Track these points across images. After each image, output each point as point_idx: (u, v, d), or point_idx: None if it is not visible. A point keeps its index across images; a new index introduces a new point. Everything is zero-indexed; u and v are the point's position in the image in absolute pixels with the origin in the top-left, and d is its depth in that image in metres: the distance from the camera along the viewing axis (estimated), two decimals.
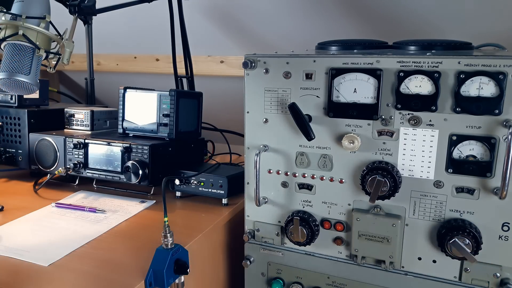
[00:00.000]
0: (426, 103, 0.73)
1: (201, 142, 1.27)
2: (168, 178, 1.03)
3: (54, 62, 1.09)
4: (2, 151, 1.27)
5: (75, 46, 1.11)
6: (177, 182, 1.06)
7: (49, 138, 1.18)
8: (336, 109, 0.80)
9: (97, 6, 1.26)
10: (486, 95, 0.70)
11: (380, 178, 0.75)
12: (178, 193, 1.09)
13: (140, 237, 0.88)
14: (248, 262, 0.93)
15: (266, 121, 0.87)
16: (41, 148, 1.19)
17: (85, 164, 1.14)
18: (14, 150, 1.25)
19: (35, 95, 1.30)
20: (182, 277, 0.77)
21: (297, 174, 0.86)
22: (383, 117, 0.77)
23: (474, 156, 0.72)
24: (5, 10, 1.00)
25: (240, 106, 0.90)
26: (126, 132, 1.19)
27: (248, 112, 0.88)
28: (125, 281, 0.72)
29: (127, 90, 1.19)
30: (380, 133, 0.78)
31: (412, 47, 0.84)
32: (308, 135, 0.80)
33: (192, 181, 1.05)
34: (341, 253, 0.86)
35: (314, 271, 0.89)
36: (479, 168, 0.72)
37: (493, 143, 0.71)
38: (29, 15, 0.99)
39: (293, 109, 0.80)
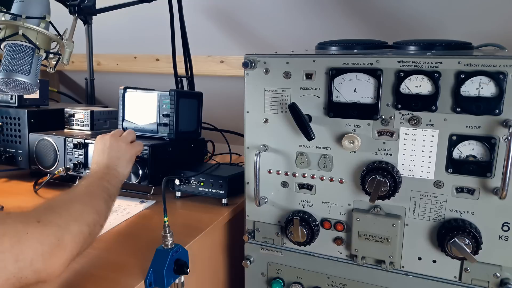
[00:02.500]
0: (426, 103, 0.73)
1: (201, 142, 1.27)
2: (168, 178, 1.03)
3: (54, 62, 1.09)
4: (2, 151, 1.27)
5: (75, 46, 1.11)
6: (177, 182, 1.06)
7: (49, 138, 1.18)
8: (336, 109, 0.80)
9: (97, 6, 1.26)
10: (486, 95, 0.70)
11: (380, 178, 0.75)
12: (178, 193, 1.09)
13: (140, 237, 0.88)
14: (248, 262, 0.93)
15: (266, 121, 0.87)
16: (41, 148, 1.19)
17: (85, 164, 1.14)
18: (14, 150, 1.25)
19: (35, 95, 1.30)
20: (182, 277, 0.77)
21: (297, 174, 0.86)
22: (383, 117, 0.77)
23: (474, 156, 0.72)
24: (5, 10, 1.00)
25: (240, 106, 0.90)
26: None
27: (248, 112, 0.88)
28: (125, 281, 0.72)
29: (127, 90, 1.19)
30: (380, 133, 0.78)
31: (412, 47, 0.84)
32: (308, 135, 0.80)
33: (192, 181, 1.05)
34: (341, 253, 0.86)
35: (314, 271, 0.89)
36: (479, 168, 0.72)
37: (493, 143, 0.71)
38: (29, 15, 0.99)
39: (293, 109, 0.80)
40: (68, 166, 1.15)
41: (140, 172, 1.05)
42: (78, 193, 0.77)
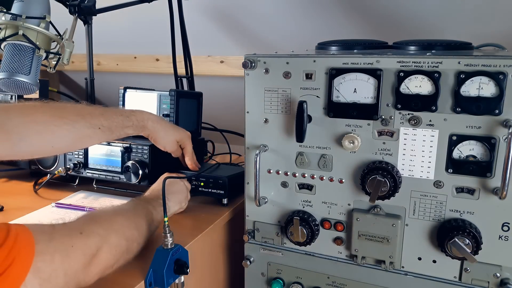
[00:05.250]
0: (426, 103, 0.73)
1: (201, 142, 1.27)
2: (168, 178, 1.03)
3: (54, 62, 1.09)
4: None
5: (75, 46, 1.10)
6: None
7: None
8: (336, 109, 0.80)
9: (97, 6, 1.26)
10: (486, 95, 0.70)
11: (380, 178, 0.75)
12: None
13: None
14: (248, 262, 0.93)
15: (266, 121, 0.87)
16: None
17: (85, 164, 1.14)
18: None
19: (35, 95, 1.30)
20: (182, 277, 0.77)
21: (297, 174, 0.86)
22: (383, 117, 0.77)
23: (474, 156, 0.72)
24: (5, 10, 1.00)
25: (240, 106, 0.90)
26: None
27: (248, 112, 0.88)
28: (125, 281, 0.72)
29: (127, 90, 1.19)
30: (380, 133, 0.78)
31: (412, 47, 0.84)
32: (300, 137, 0.80)
33: (192, 181, 1.05)
34: (341, 253, 0.86)
35: (314, 271, 0.89)
36: (479, 168, 0.72)
37: (493, 143, 0.71)
38: (29, 15, 0.99)
39: (300, 108, 0.79)
40: (68, 166, 1.15)
41: (140, 172, 1.05)
42: (122, 208, 0.78)
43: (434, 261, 0.79)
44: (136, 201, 0.84)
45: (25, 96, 1.27)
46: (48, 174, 1.20)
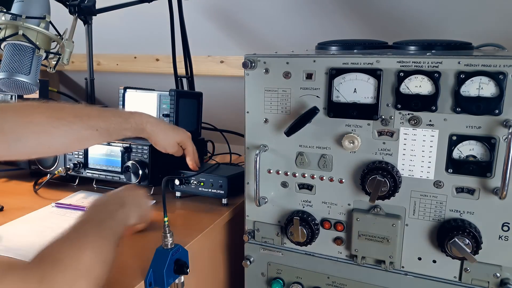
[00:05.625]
0: (426, 103, 0.73)
1: (201, 142, 1.27)
2: (168, 178, 1.03)
3: (54, 62, 1.09)
4: None
5: (75, 46, 1.11)
6: (177, 182, 1.06)
7: None
8: (336, 109, 0.80)
9: (97, 6, 1.26)
10: (486, 95, 0.70)
11: (380, 178, 0.75)
12: (178, 193, 1.09)
13: (140, 237, 0.88)
14: (248, 262, 0.93)
15: (266, 121, 0.87)
16: None
17: (85, 164, 1.14)
18: None
19: (35, 95, 1.30)
20: (182, 277, 0.77)
21: (297, 174, 0.86)
22: (383, 117, 0.77)
23: (474, 156, 0.72)
24: (5, 10, 1.00)
25: (240, 106, 0.90)
26: None
27: (248, 112, 0.88)
28: (125, 281, 0.72)
29: (127, 90, 1.19)
30: (380, 133, 0.78)
31: (412, 47, 0.84)
32: (291, 133, 0.80)
33: (192, 181, 1.05)
34: (341, 253, 0.86)
35: (314, 271, 0.89)
36: (479, 168, 0.72)
37: (493, 143, 0.71)
38: (29, 15, 0.99)
39: (311, 113, 0.80)
40: (68, 166, 1.15)
41: (140, 172, 1.05)
42: (88, 235, 0.65)
43: (434, 261, 0.79)
44: (101, 214, 0.71)
45: (25, 96, 1.27)
46: (48, 174, 1.20)
